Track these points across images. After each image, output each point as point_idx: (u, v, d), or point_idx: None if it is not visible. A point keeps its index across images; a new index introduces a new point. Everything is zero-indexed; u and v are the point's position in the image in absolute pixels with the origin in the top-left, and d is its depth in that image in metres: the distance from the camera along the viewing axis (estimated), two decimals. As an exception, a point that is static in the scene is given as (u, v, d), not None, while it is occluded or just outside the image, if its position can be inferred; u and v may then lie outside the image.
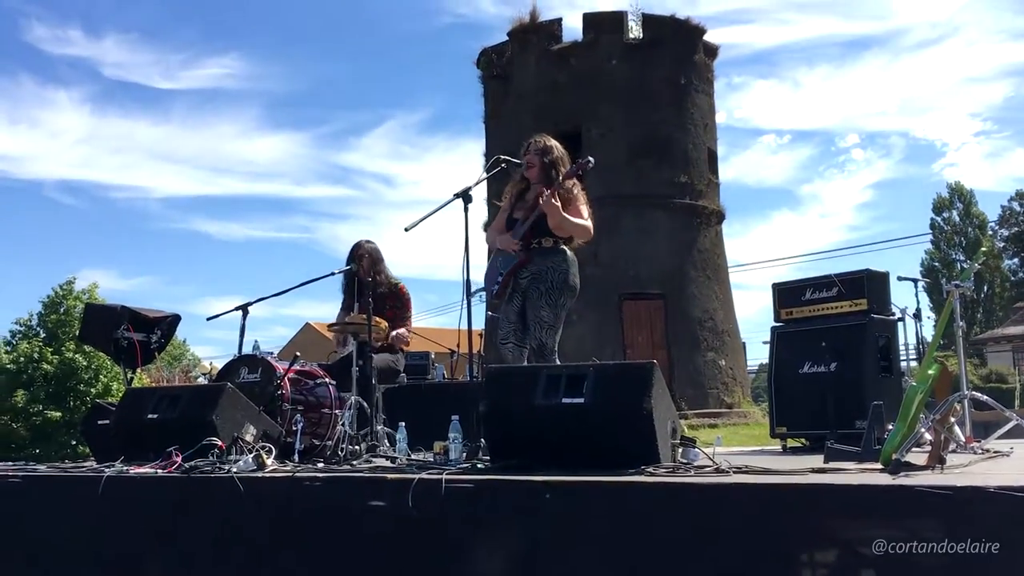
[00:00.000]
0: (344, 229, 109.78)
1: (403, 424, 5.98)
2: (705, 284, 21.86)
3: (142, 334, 7.78)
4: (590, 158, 5.84)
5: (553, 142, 6.05)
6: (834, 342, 7.90)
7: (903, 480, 3.75)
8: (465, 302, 5.21)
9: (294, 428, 5.99)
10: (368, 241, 7.25)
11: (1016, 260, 52.19)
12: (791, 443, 8.35)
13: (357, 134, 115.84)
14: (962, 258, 48.52)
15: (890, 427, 4.80)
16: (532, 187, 5.93)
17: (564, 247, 5.92)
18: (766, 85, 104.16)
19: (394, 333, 6.96)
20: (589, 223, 5.84)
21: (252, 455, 5.40)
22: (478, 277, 8.26)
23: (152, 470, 5.47)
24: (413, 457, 5.73)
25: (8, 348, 24.86)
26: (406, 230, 5.35)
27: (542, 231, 5.85)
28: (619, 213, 20.55)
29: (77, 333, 18.31)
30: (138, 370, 7.68)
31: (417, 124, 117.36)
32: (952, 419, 5.41)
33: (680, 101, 22.48)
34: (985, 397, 5.37)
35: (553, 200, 5.65)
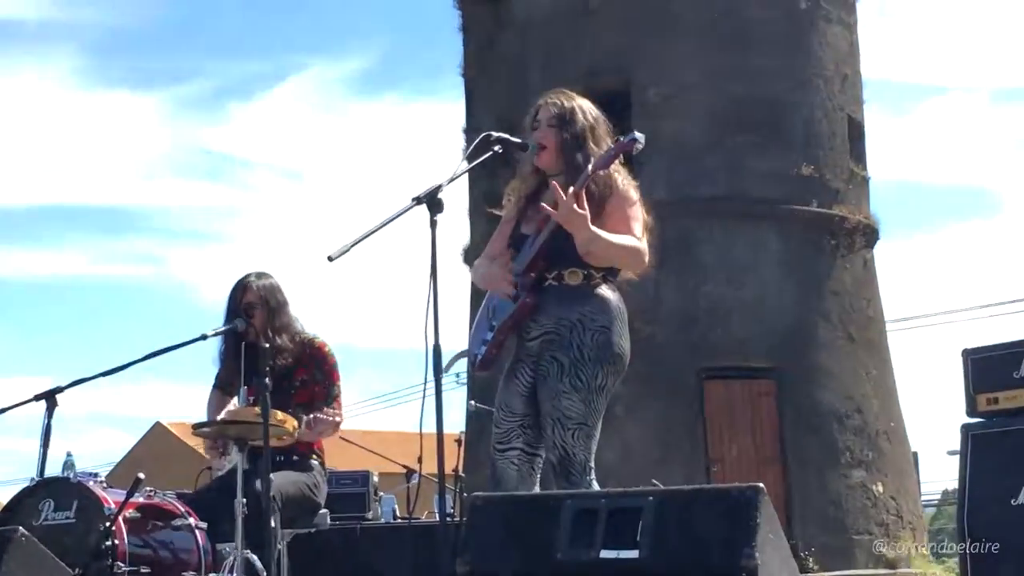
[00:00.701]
0: (217, 258, 68.01)
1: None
2: (847, 351, 16.65)
3: None
4: (637, 134, 4.04)
5: (580, 103, 4.29)
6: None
7: None
8: (431, 383, 3.77)
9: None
10: (262, 275, 5.43)
11: None
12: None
13: (241, 97, 70.28)
14: None
15: None
16: (546, 185, 4.28)
17: (603, 285, 4.18)
18: (945, 9, 70.50)
19: (312, 417, 5.23)
20: (642, 243, 4.11)
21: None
22: (454, 340, 6.18)
23: None
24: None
25: None
26: (330, 260, 3.80)
27: (562, 258, 4.14)
28: (694, 230, 15.83)
29: None
30: None
31: (345, 80, 71.54)
32: None
33: (799, 39, 17.04)
34: None
35: (579, 204, 3.93)
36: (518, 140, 4.25)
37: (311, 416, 5.24)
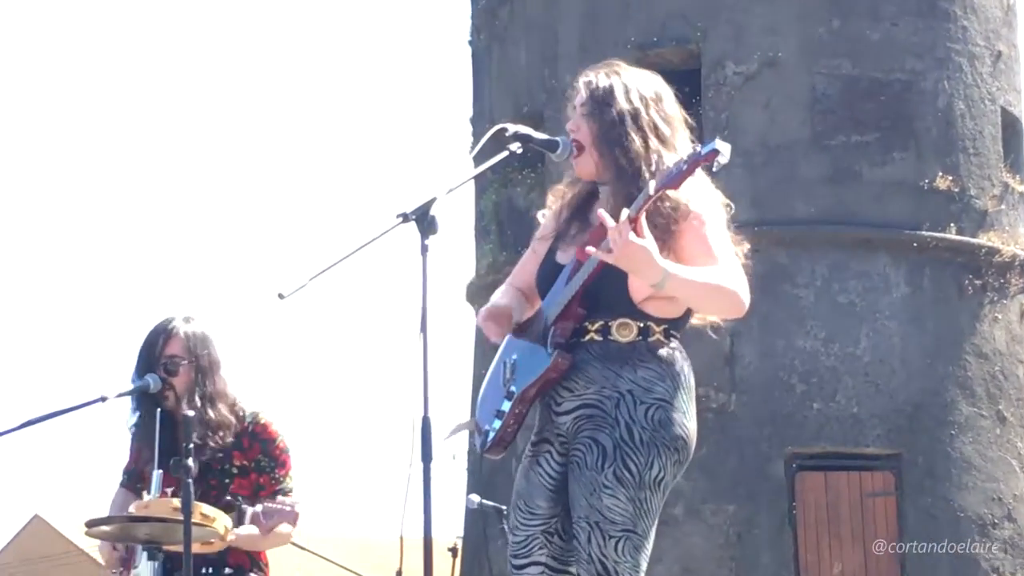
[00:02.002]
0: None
1: None
2: (994, 435, 14.83)
3: None
4: (719, 143, 3.58)
5: (630, 77, 3.86)
6: None
7: None
8: (417, 469, 3.57)
9: None
10: (190, 320, 5.08)
11: None
12: None
13: None
14: None
15: None
16: (605, 189, 3.88)
17: (664, 342, 3.83)
18: None
19: (261, 509, 4.85)
20: (739, 274, 3.75)
21: None
22: (451, 409, 5.33)
23: None
24: None
25: None
26: (280, 298, 3.61)
27: (610, 304, 3.79)
28: (785, 264, 14.30)
29: None
30: None
31: None
32: None
33: (934, 2, 15.11)
34: None
35: (638, 233, 3.55)
36: (544, 136, 3.88)
37: (258, 507, 4.79)
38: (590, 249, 3.61)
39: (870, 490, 14.03)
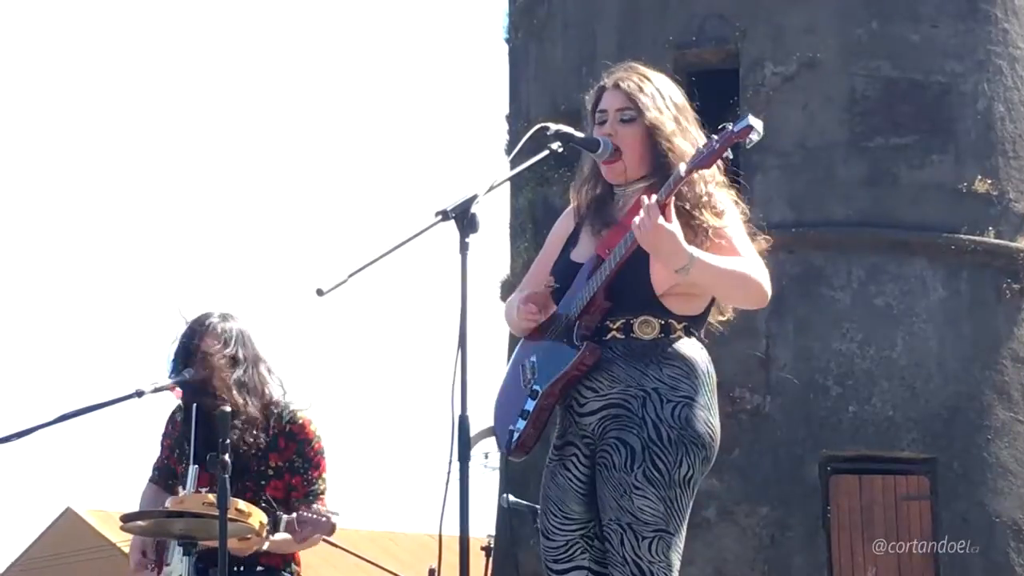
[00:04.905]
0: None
1: None
2: None
3: None
4: (752, 119, 3.66)
5: (661, 79, 3.99)
6: None
7: None
8: (454, 468, 3.54)
9: None
10: (227, 317, 5.12)
11: None
12: None
13: None
14: None
15: None
16: (620, 190, 3.99)
17: (685, 339, 3.82)
18: None
19: (295, 517, 4.89)
20: (760, 264, 3.78)
21: None
22: (489, 407, 4.39)
23: None
24: None
25: None
26: (319, 294, 3.56)
27: (631, 301, 3.80)
28: (821, 266, 14.22)
29: None
30: None
31: None
32: None
33: (975, 2, 14.87)
34: None
35: (667, 218, 3.60)
36: (578, 135, 3.90)
37: (294, 515, 4.85)
38: (638, 219, 3.52)
39: (905, 494, 13.81)
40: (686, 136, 3.81)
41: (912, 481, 13.82)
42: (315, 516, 4.85)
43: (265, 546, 4.74)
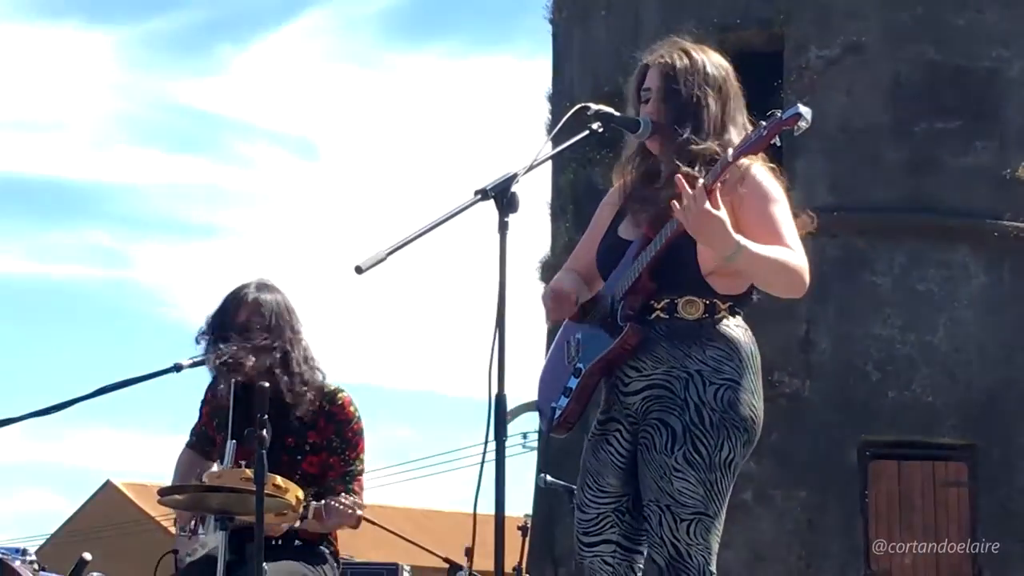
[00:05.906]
0: (198, 259, 54.58)
1: None
2: None
3: None
4: (802, 107, 3.62)
5: (706, 58, 3.95)
6: None
7: None
8: (491, 446, 3.56)
9: None
10: (266, 287, 5.01)
11: None
12: None
13: (235, 38, 60.10)
14: None
15: None
16: (663, 169, 3.96)
17: (729, 320, 3.82)
18: None
19: (323, 505, 4.86)
20: (801, 254, 3.74)
21: None
22: (525, 386, 4.78)
23: None
24: None
25: None
26: (359, 271, 3.56)
27: (677, 281, 3.81)
28: (863, 250, 14.25)
29: None
30: None
31: (378, 20, 56.19)
32: None
33: None
34: None
35: (713, 204, 3.56)
36: (626, 116, 3.93)
37: (322, 503, 4.88)
38: (682, 201, 3.52)
39: (944, 480, 14.00)
40: (731, 115, 3.83)
41: (951, 467, 13.95)
42: (342, 507, 4.86)
43: (298, 524, 4.75)
